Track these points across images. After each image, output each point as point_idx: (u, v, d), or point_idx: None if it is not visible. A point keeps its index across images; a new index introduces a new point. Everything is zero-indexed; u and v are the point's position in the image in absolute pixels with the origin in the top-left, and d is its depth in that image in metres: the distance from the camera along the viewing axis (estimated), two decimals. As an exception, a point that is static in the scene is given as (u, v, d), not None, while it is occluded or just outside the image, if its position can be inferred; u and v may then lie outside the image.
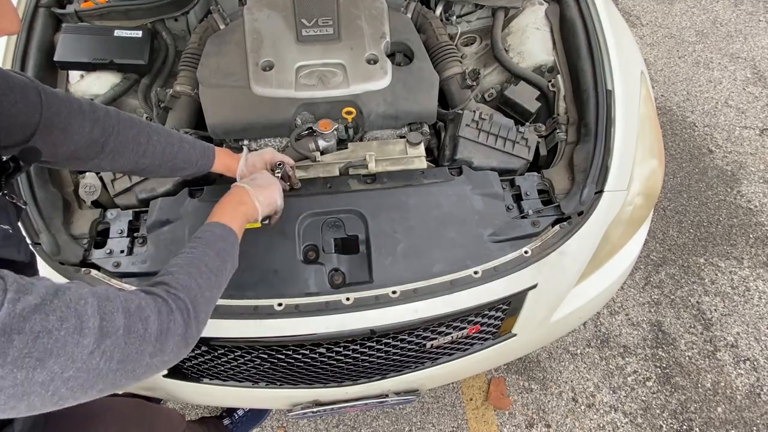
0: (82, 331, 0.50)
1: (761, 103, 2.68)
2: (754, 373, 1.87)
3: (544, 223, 1.12)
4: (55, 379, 0.48)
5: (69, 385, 0.49)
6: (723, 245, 2.19)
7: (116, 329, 0.53)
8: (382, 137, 1.30)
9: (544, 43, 1.43)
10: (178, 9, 1.43)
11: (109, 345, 0.52)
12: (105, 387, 0.54)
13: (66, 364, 0.48)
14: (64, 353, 0.48)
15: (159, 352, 0.59)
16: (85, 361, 0.50)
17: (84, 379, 0.50)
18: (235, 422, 1.72)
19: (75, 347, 0.49)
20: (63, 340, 0.48)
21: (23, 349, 0.45)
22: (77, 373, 0.49)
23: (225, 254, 0.78)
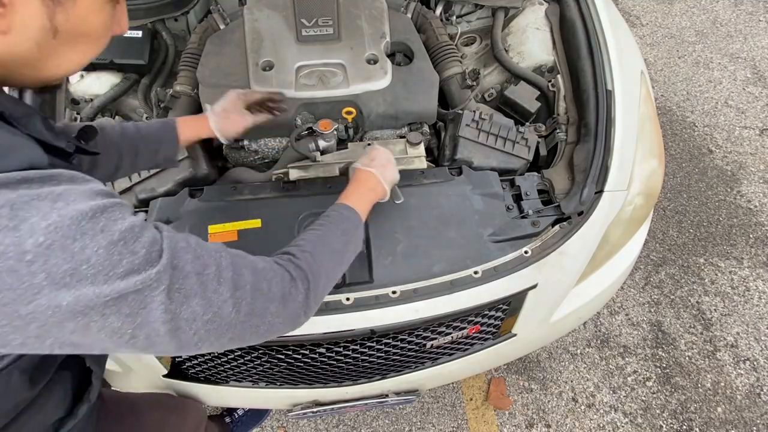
0: (219, 280, 0.54)
1: (761, 103, 2.68)
2: (754, 373, 1.87)
3: (544, 223, 1.12)
4: (197, 319, 0.52)
5: (207, 327, 0.53)
6: (723, 245, 2.20)
7: (245, 284, 0.57)
8: (382, 137, 1.30)
9: (544, 43, 1.43)
10: (178, 9, 1.43)
11: (239, 297, 0.56)
12: (233, 337, 0.57)
13: (206, 306, 0.52)
14: (205, 296, 0.52)
15: (280, 313, 0.62)
16: (220, 307, 0.54)
17: (218, 325, 0.54)
18: (235, 422, 1.72)
19: (213, 294, 0.53)
20: (205, 284, 0.53)
21: (175, 283, 0.50)
22: (214, 317, 0.53)
23: (349, 235, 0.80)
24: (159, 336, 0.50)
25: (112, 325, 0.46)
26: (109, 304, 0.45)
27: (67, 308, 0.43)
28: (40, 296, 0.42)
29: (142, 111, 1.36)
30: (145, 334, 0.49)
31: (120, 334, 0.48)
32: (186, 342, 0.52)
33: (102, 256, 0.44)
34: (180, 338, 0.51)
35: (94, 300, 0.44)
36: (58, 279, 0.42)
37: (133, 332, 0.48)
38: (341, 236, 0.78)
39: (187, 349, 0.54)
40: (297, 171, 1.17)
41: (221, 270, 0.55)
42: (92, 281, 0.44)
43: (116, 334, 0.47)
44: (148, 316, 0.48)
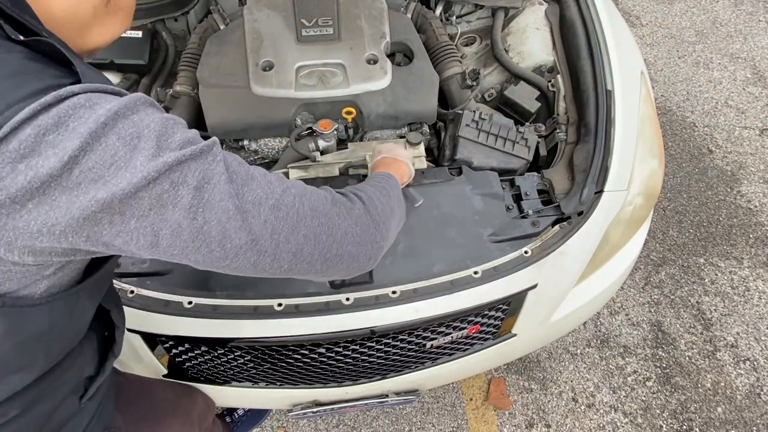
0: (268, 174, 0.58)
1: (761, 103, 2.68)
2: (754, 373, 1.87)
3: (544, 223, 1.12)
4: (262, 203, 0.54)
5: (276, 214, 0.55)
6: (723, 245, 2.20)
7: (295, 185, 0.60)
8: (382, 137, 1.30)
9: (544, 43, 1.43)
10: (178, 9, 1.43)
11: (296, 191, 0.59)
12: (308, 234, 0.58)
13: (267, 192, 0.55)
14: (262, 183, 0.55)
15: (345, 215, 0.63)
16: (281, 195, 0.56)
17: (286, 213, 0.56)
18: (235, 422, 1.72)
19: (268, 183, 0.56)
20: (256, 174, 0.56)
21: (230, 165, 0.53)
22: (278, 204, 0.55)
23: (390, 187, 0.80)
24: (230, 219, 0.51)
25: (183, 199, 0.48)
26: (174, 169, 0.47)
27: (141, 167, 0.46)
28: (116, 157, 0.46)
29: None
30: (216, 218, 0.50)
31: (193, 213, 0.49)
32: (261, 230, 0.53)
33: (158, 124, 0.49)
34: (251, 225, 0.52)
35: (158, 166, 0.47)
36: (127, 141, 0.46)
37: (204, 212, 0.50)
38: (381, 190, 0.78)
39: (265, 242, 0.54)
40: (297, 171, 1.17)
41: (265, 171, 0.58)
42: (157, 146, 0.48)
43: (189, 212, 0.49)
44: (214, 192, 0.50)
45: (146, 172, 0.46)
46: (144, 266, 1.04)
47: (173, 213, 0.48)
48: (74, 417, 0.73)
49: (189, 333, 0.99)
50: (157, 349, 1.09)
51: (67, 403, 0.70)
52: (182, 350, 1.08)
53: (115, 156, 0.46)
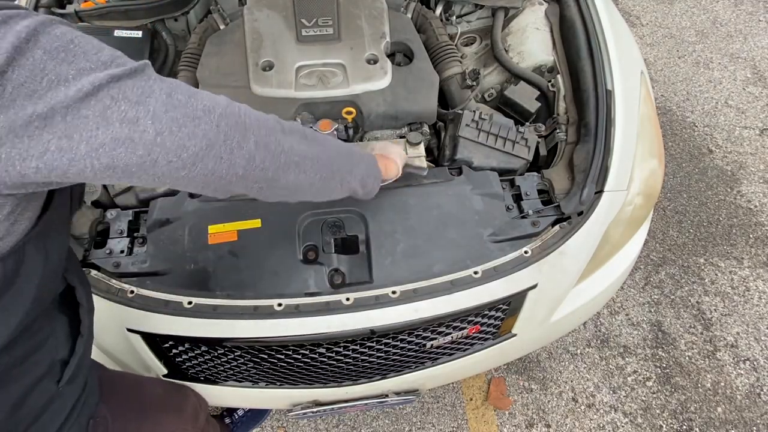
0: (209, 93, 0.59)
1: (761, 103, 2.68)
2: (754, 373, 1.87)
3: (544, 223, 1.12)
4: (212, 111, 0.55)
5: (226, 121, 0.56)
6: (723, 245, 2.19)
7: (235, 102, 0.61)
8: (382, 137, 1.30)
9: (544, 43, 1.43)
10: (178, 9, 1.43)
11: (240, 106, 0.61)
12: (258, 142, 0.60)
13: (213, 102, 0.56)
14: (206, 95, 0.56)
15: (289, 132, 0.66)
16: (227, 106, 0.58)
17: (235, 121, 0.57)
18: (235, 422, 1.72)
19: (212, 96, 0.57)
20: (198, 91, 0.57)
21: (172, 83, 0.54)
22: (225, 112, 0.56)
23: (352, 157, 0.82)
24: (182, 127, 0.51)
25: (128, 114, 0.49)
26: (111, 85, 0.48)
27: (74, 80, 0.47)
28: (46, 70, 0.46)
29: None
30: (168, 128, 0.51)
31: (142, 125, 0.49)
32: (215, 136, 0.54)
33: (81, 39, 0.50)
34: (206, 129, 0.54)
35: (93, 81, 0.47)
36: (54, 54, 0.46)
37: (153, 123, 0.50)
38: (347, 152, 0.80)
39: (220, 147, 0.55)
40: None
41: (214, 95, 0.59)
42: (86, 60, 0.48)
43: (137, 125, 0.49)
44: (158, 104, 0.50)
45: (82, 86, 0.47)
46: (144, 266, 1.04)
47: (121, 129, 0.48)
48: (53, 403, 0.73)
49: (189, 333, 0.99)
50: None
51: (43, 387, 0.70)
52: (182, 350, 1.08)
53: (45, 70, 0.46)
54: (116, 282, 1.03)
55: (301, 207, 1.09)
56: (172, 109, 0.51)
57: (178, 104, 0.52)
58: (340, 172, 0.78)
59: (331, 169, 0.75)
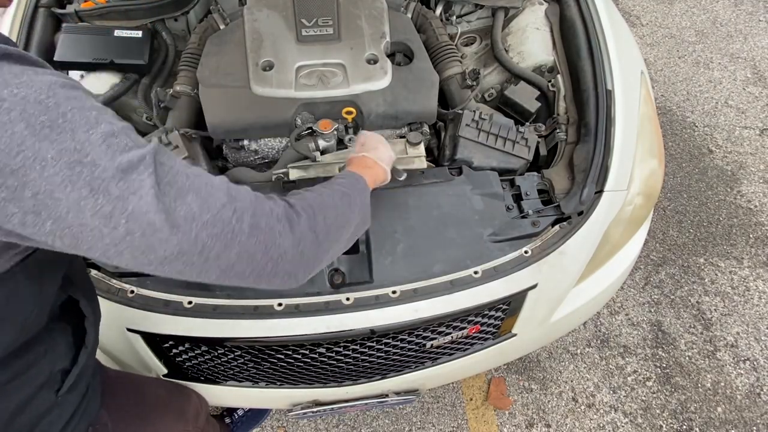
0: (212, 186, 0.54)
1: (761, 103, 2.68)
2: (754, 373, 1.87)
3: (544, 223, 1.12)
4: (195, 219, 0.51)
5: (208, 231, 0.52)
6: (723, 245, 2.19)
7: (244, 197, 0.57)
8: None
9: (544, 43, 1.43)
10: (178, 9, 1.43)
11: (239, 207, 0.55)
12: (242, 252, 0.55)
13: (202, 207, 0.52)
14: (200, 195, 0.52)
15: (287, 234, 0.59)
16: (219, 210, 0.53)
17: (220, 231, 0.53)
18: (235, 422, 1.72)
19: (208, 196, 0.53)
20: (197, 184, 0.52)
21: (165, 176, 0.50)
22: (214, 220, 0.52)
23: (355, 193, 0.77)
24: (156, 232, 0.48)
25: (103, 208, 0.46)
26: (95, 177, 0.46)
27: (53, 161, 0.44)
28: (23, 146, 0.43)
29: (143, 111, 1.36)
30: (140, 230, 0.48)
31: (114, 222, 0.47)
32: (190, 246, 0.51)
33: (77, 114, 0.46)
34: (181, 239, 0.50)
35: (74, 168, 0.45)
36: (37, 129, 0.43)
37: (127, 223, 0.47)
38: (342, 196, 0.75)
39: (193, 256, 0.52)
40: (297, 171, 1.17)
41: (213, 181, 0.55)
42: (73, 140, 0.45)
43: (110, 221, 0.47)
44: (140, 204, 0.47)
45: (59, 170, 0.44)
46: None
47: (92, 220, 0.46)
48: (52, 411, 0.72)
49: (189, 333, 0.99)
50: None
51: (42, 396, 0.69)
52: (182, 350, 1.09)
53: (22, 146, 0.43)
54: (116, 282, 1.03)
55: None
56: (153, 212, 0.48)
57: (161, 208, 0.49)
58: (340, 243, 0.73)
59: (334, 247, 0.70)
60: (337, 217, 0.69)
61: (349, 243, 0.77)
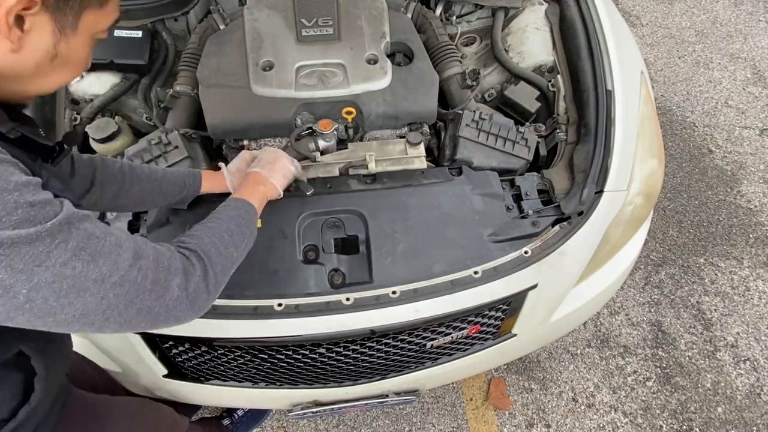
0: (121, 246, 0.57)
1: (761, 103, 2.68)
2: (754, 373, 1.87)
3: (544, 223, 1.12)
4: (105, 281, 0.54)
5: (115, 291, 0.55)
6: (723, 245, 2.19)
7: (147, 254, 0.60)
8: (382, 137, 1.30)
9: (544, 43, 1.43)
10: (178, 9, 1.43)
11: (143, 264, 0.58)
12: (142, 307, 0.58)
13: (112, 268, 0.54)
14: (110, 258, 0.55)
15: (184, 287, 0.63)
16: (127, 271, 0.56)
17: (127, 290, 0.56)
18: (235, 422, 1.72)
19: (118, 257, 0.55)
20: (108, 248, 0.55)
21: (80, 241, 0.52)
22: (121, 281, 0.55)
23: (239, 219, 0.82)
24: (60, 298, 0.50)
25: (3, 281, 0.47)
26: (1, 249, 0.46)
27: None
28: None
29: (142, 111, 1.36)
30: (43, 298, 0.49)
31: (13, 293, 0.48)
32: (93, 308, 0.53)
33: None
34: (86, 302, 0.52)
35: None
36: None
37: (29, 294, 0.48)
38: (229, 220, 0.80)
39: (96, 316, 0.54)
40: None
41: (121, 240, 0.57)
42: None
43: (9, 292, 0.47)
44: (46, 274, 0.49)
45: None
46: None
47: None
48: None
49: (189, 333, 0.99)
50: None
51: None
52: (182, 350, 1.08)
53: None
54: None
55: (302, 207, 1.09)
56: (59, 280, 0.50)
57: (68, 275, 0.50)
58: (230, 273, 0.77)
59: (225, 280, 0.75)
60: (226, 258, 0.74)
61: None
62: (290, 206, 1.07)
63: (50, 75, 0.59)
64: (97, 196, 0.92)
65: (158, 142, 1.17)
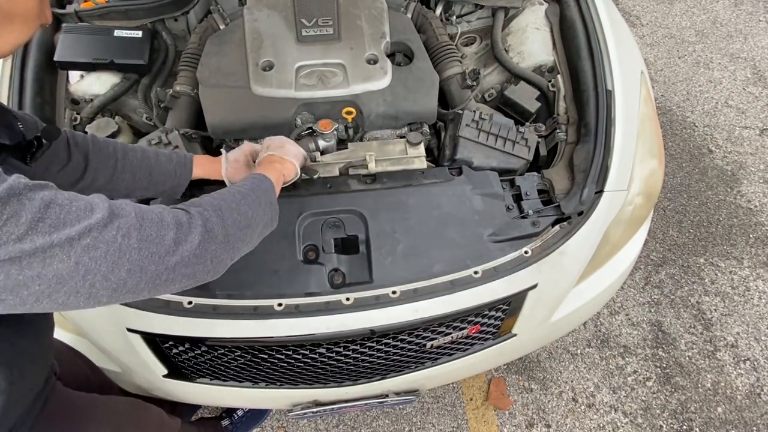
0: (93, 209, 0.52)
1: (761, 103, 2.68)
2: (754, 373, 1.87)
3: (544, 223, 1.12)
4: (74, 245, 0.49)
5: (91, 254, 0.50)
6: (723, 245, 2.19)
7: (128, 213, 0.55)
8: (382, 137, 1.30)
9: (544, 43, 1.43)
10: (178, 9, 1.43)
11: (122, 223, 0.53)
12: (133, 268, 0.54)
13: (82, 231, 0.50)
14: (78, 223, 0.50)
15: (183, 240, 0.59)
16: (101, 231, 0.51)
17: (105, 251, 0.51)
18: (235, 422, 1.72)
19: (87, 219, 0.51)
20: (75, 213, 0.50)
21: (36, 213, 0.48)
22: (95, 242, 0.51)
23: (254, 186, 0.78)
24: (24, 269, 0.47)
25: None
26: None
27: None
28: None
29: (142, 111, 1.36)
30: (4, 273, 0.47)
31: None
32: (69, 274, 0.50)
33: None
34: (57, 268, 0.49)
35: None
36: None
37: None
38: (241, 186, 0.76)
39: (76, 283, 0.51)
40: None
41: (93, 204, 0.53)
42: None
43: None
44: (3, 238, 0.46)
45: None
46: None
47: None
48: None
49: (189, 333, 0.99)
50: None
51: None
52: (182, 350, 1.08)
53: None
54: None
55: (302, 207, 1.09)
56: (19, 256, 0.47)
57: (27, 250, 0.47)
58: (246, 242, 0.73)
59: (240, 246, 0.71)
60: (239, 217, 0.70)
61: (257, 241, 0.78)
62: (290, 206, 1.07)
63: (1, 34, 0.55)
64: (89, 182, 0.90)
65: (158, 142, 1.17)
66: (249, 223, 0.72)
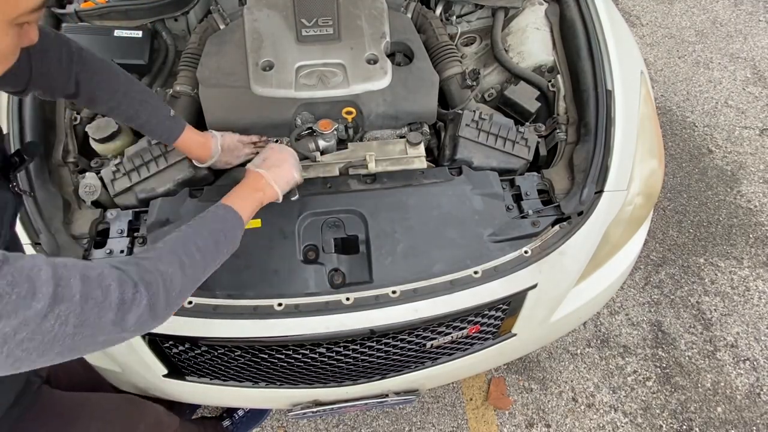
0: (34, 296, 0.50)
1: (761, 103, 2.68)
2: (754, 373, 1.87)
3: (544, 223, 1.12)
4: (8, 341, 0.48)
5: (23, 347, 0.50)
6: (723, 245, 2.19)
7: (72, 295, 0.53)
8: (382, 137, 1.30)
9: (544, 43, 1.43)
10: (178, 9, 1.43)
11: (63, 309, 0.52)
12: (63, 350, 0.54)
13: (18, 326, 0.49)
14: (16, 316, 0.48)
15: (121, 321, 0.59)
16: (39, 324, 0.50)
17: (39, 342, 0.51)
18: (235, 422, 1.72)
19: (27, 310, 0.49)
20: (14, 303, 0.48)
21: None
22: (31, 335, 0.50)
23: (219, 235, 0.79)
24: None
25: None
26: None
27: None
28: None
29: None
30: None
31: None
32: (0, 366, 0.50)
33: None
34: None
35: None
36: None
37: None
38: (208, 236, 0.77)
39: (6, 372, 0.51)
40: (297, 171, 1.17)
41: (37, 286, 0.51)
42: None
43: None
44: None
45: None
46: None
47: None
48: None
49: (189, 333, 1.00)
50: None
51: None
52: (182, 350, 1.09)
53: None
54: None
55: (302, 207, 1.09)
56: None
57: None
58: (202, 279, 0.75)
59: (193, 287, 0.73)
60: (194, 276, 0.72)
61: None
62: (290, 206, 1.07)
63: None
64: (87, 99, 0.92)
65: (158, 142, 1.17)
66: (197, 283, 0.74)
